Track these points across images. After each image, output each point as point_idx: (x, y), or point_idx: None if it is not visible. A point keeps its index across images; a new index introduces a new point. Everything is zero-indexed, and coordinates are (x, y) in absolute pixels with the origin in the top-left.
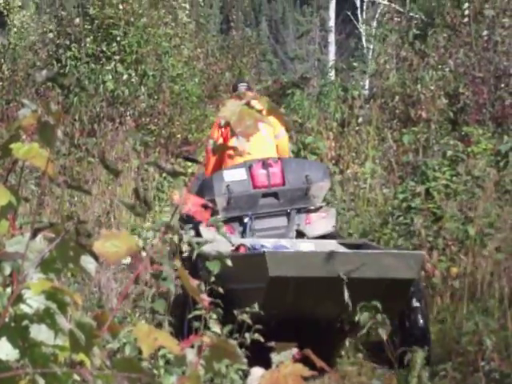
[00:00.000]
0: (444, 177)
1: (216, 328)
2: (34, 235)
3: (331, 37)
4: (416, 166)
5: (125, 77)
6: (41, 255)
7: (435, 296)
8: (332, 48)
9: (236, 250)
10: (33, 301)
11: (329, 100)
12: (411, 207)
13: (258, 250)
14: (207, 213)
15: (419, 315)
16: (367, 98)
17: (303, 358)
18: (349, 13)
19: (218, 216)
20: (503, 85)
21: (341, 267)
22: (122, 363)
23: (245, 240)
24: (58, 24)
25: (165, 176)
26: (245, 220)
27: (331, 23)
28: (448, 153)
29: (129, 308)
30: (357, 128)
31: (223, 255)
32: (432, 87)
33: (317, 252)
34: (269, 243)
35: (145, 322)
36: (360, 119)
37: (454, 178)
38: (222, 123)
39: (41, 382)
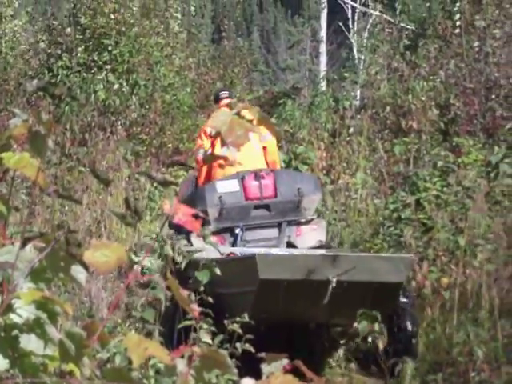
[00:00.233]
0: (435, 187)
1: (207, 338)
2: (24, 245)
3: (322, 47)
4: (407, 177)
5: (116, 86)
6: (31, 265)
7: (425, 306)
8: (323, 58)
9: None
10: (23, 310)
11: (320, 110)
12: (402, 218)
13: (249, 253)
14: (198, 223)
15: (408, 320)
16: (358, 109)
17: (294, 369)
18: (340, 23)
19: (210, 226)
20: (494, 96)
21: (331, 270)
22: (112, 373)
23: (235, 249)
24: (50, 33)
25: (156, 185)
26: (236, 231)
27: (322, 33)
28: (439, 163)
29: (119, 318)
30: (348, 138)
31: (212, 262)
32: (423, 98)
33: (307, 255)
34: (259, 252)
35: (135, 332)
36: (351, 129)
37: (445, 189)
38: (213, 133)
39: None
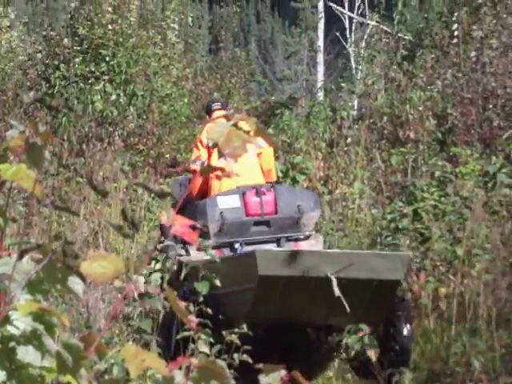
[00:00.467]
0: (432, 197)
1: (204, 348)
2: (21, 256)
3: (320, 57)
4: (404, 187)
5: (114, 97)
6: (28, 276)
7: (423, 317)
8: (320, 68)
9: None
10: (20, 322)
11: (317, 120)
12: (399, 228)
13: (248, 251)
14: (195, 234)
15: (403, 324)
16: (356, 119)
17: (291, 380)
18: (337, 33)
19: (210, 241)
20: (491, 106)
21: (329, 267)
22: None
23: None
24: (47, 44)
25: (153, 196)
26: (235, 246)
27: (320, 44)
28: (436, 173)
29: (117, 328)
30: (345, 148)
31: (211, 264)
32: (420, 108)
33: (306, 252)
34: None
35: (132, 343)
36: (349, 139)
37: (443, 199)
38: (210, 144)
39: None
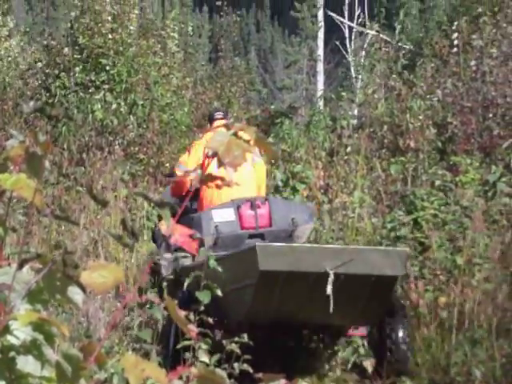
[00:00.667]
0: (432, 206)
1: (204, 358)
2: (21, 266)
3: (320, 66)
4: (404, 196)
5: (114, 106)
6: (28, 286)
7: (421, 326)
8: (320, 77)
9: None
10: (20, 332)
11: (317, 129)
12: (399, 237)
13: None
14: (195, 243)
15: (400, 332)
16: (356, 128)
17: None
18: (337, 42)
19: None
20: (491, 115)
21: (328, 262)
22: None
23: None
24: (48, 53)
25: (153, 205)
26: None
27: (320, 53)
28: (436, 182)
29: (116, 338)
30: (345, 157)
31: (213, 285)
32: (420, 117)
33: (306, 246)
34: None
35: (132, 352)
36: (349, 148)
37: (443, 208)
38: (210, 153)
39: None
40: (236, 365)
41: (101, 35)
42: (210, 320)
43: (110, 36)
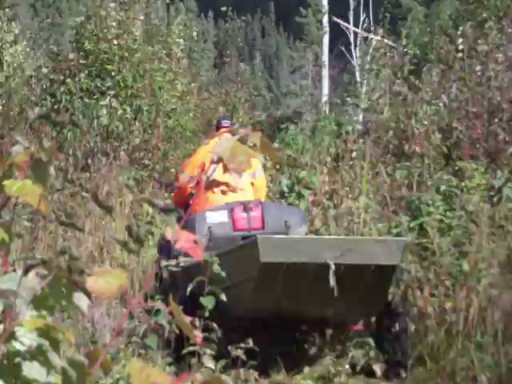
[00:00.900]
0: (438, 212)
1: (210, 363)
2: (27, 272)
3: (325, 72)
4: (410, 201)
5: (119, 112)
6: (33, 292)
7: (428, 332)
8: (325, 83)
9: None
10: (25, 338)
11: (323, 134)
12: None
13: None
14: (200, 249)
15: (399, 319)
16: (361, 133)
17: None
18: (342, 48)
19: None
20: (497, 120)
21: (328, 253)
22: None
23: None
24: (53, 59)
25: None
26: None
27: (325, 58)
28: (442, 188)
29: (122, 343)
30: (351, 162)
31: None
32: (425, 122)
33: (306, 237)
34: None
35: (137, 358)
36: (354, 154)
37: (448, 213)
38: (215, 158)
39: None
40: (241, 370)
41: (106, 41)
42: (215, 325)
43: (116, 42)
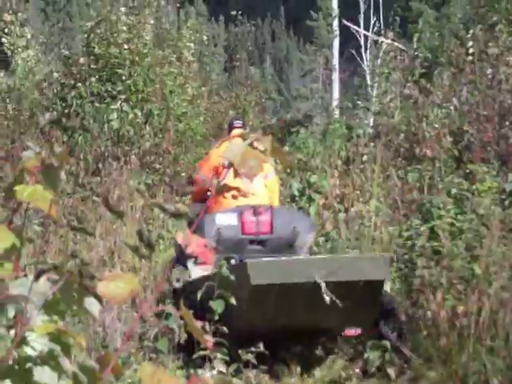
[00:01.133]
0: (449, 215)
1: (221, 367)
2: (38, 277)
3: (335, 75)
4: (421, 204)
5: (130, 116)
6: (44, 297)
7: (441, 335)
8: (336, 86)
9: None
10: (36, 343)
11: (333, 138)
12: (415, 245)
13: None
14: (211, 253)
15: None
16: (372, 136)
17: None
18: (353, 51)
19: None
20: (508, 123)
21: (318, 272)
22: None
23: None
24: (64, 63)
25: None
26: (231, 261)
27: (335, 61)
28: (453, 191)
29: (133, 347)
30: (361, 166)
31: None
32: (436, 125)
33: (294, 259)
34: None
35: (149, 362)
36: (365, 157)
37: (459, 216)
38: (226, 164)
39: None
40: (252, 374)
41: (116, 45)
42: (225, 329)
43: (126, 46)
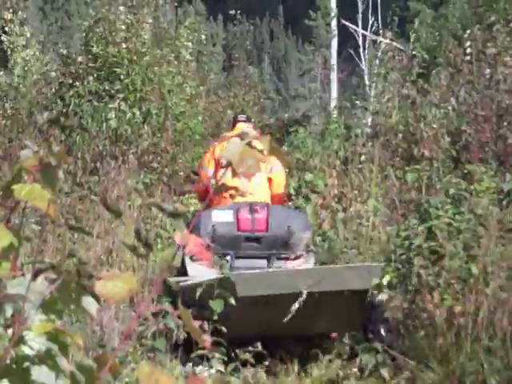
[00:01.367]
0: (447, 215)
1: (219, 367)
2: (36, 276)
3: (333, 75)
4: (419, 204)
5: (128, 115)
6: (42, 297)
7: (439, 336)
8: (334, 86)
9: None
10: (34, 342)
11: (332, 138)
12: (413, 245)
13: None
14: (209, 252)
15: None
16: (370, 136)
17: None
18: (351, 51)
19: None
20: (506, 123)
21: (303, 282)
22: None
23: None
24: (62, 62)
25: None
26: (227, 258)
27: (333, 61)
28: (450, 191)
29: (131, 347)
30: (360, 166)
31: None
32: (434, 125)
33: (279, 270)
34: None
35: (147, 362)
36: (363, 157)
37: (457, 216)
38: (224, 163)
39: None
40: (250, 373)
41: (115, 44)
42: (224, 329)
43: (124, 45)
